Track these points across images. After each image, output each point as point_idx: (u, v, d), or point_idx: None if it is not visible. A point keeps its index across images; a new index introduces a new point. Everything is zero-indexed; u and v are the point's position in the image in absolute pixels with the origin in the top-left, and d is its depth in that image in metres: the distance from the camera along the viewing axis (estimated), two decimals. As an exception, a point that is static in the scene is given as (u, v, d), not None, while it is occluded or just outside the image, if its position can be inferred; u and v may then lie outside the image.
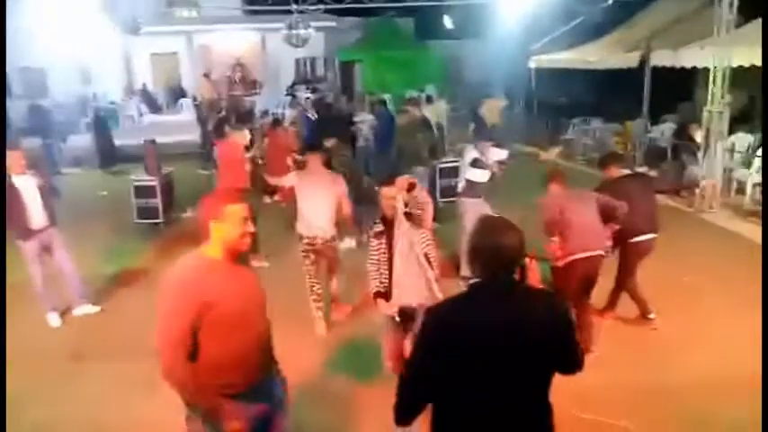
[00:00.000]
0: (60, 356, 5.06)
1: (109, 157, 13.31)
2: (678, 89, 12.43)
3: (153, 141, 9.14)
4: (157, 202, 8.52)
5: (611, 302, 5.35)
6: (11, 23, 17.18)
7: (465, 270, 6.25)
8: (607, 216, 4.70)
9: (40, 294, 5.67)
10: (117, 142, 14.02)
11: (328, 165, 5.93)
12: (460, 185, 6.45)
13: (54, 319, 5.70)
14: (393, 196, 3.64)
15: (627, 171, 5.37)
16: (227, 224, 2.41)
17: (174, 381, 2.37)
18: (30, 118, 15.40)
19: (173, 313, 2.33)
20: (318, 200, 5.12)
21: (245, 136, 7.21)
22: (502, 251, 2.09)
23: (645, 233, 5.02)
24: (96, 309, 5.92)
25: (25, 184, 5.38)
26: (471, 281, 2.19)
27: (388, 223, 3.71)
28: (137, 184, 8.58)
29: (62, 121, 15.15)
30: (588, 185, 5.17)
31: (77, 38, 18.35)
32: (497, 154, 6.60)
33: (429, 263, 3.65)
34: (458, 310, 2.12)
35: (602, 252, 4.65)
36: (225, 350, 2.38)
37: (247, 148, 7.30)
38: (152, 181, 8.55)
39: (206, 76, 19.56)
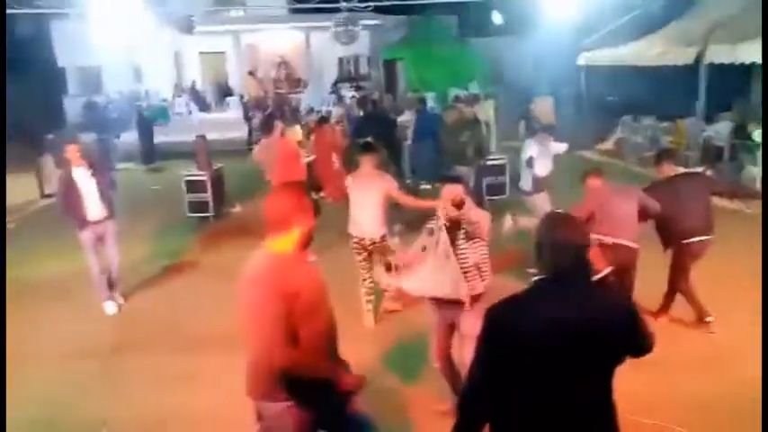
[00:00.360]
0: (115, 347, 5.24)
1: (150, 154, 13.65)
2: (733, 86, 11.96)
3: (203, 137, 9.37)
4: (208, 196, 8.73)
5: (665, 305, 5.21)
6: (68, 25, 17.89)
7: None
8: (643, 214, 4.77)
9: (96, 283, 5.85)
10: (162, 139, 14.42)
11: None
12: (527, 183, 6.63)
13: (110, 308, 5.89)
14: (455, 196, 3.51)
15: (681, 169, 5.23)
16: (308, 218, 2.52)
17: (288, 365, 2.43)
18: (85, 114, 16.02)
19: (268, 309, 2.39)
20: (367, 201, 5.16)
21: (297, 132, 7.34)
22: (566, 247, 2.06)
23: (698, 234, 4.89)
24: (115, 309, 5.94)
25: (82, 176, 5.56)
26: (535, 278, 2.16)
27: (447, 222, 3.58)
28: (188, 178, 8.80)
29: (116, 117, 15.69)
30: (641, 185, 5.09)
31: (130, 36, 18.96)
32: (557, 147, 6.80)
33: (480, 274, 3.60)
34: (520, 309, 2.09)
35: (630, 244, 4.68)
36: (310, 336, 2.47)
37: (300, 144, 7.43)
38: (203, 176, 8.76)
39: (251, 73, 19.91)
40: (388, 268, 3.81)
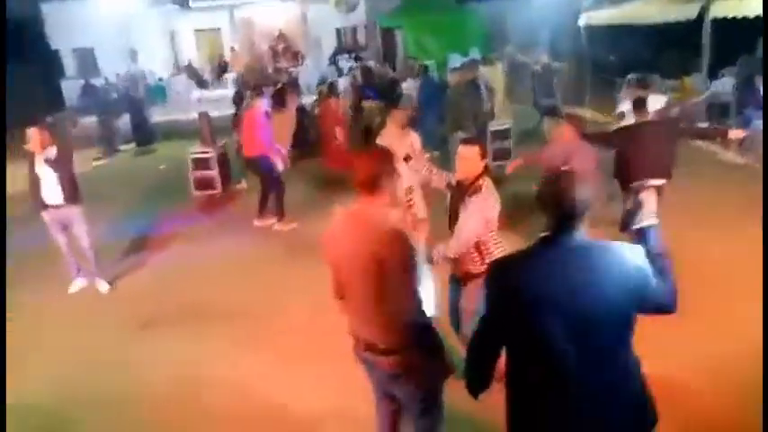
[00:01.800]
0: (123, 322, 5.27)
1: (144, 135, 13.32)
2: (738, 40, 11.77)
3: (206, 114, 9.29)
4: (214, 173, 8.70)
5: None
6: (60, 6, 17.63)
7: None
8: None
9: (67, 261, 5.86)
10: (161, 118, 14.07)
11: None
12: None
13: (76, 286, 5.90)
14: (470, 157, 3.39)
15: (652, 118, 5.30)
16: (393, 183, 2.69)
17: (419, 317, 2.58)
18: (83, 97, 15.89)
19: (407, 262, 2.47)
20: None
21: (263, 103, 7.29)
22: (570, 202, 2.00)
23: (651, 178, 4.96)
24: (107, 287, 5.94)
25: (41, 162, 5.45)
26: (541, 234, 2.11)
27: (458, 185, 3.55)
28: (194, 156, 8.75)
29: (115, 99, 15.50)
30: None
31: (124, 15, 18.76)
32: (656, 101, 6.24)
33: (479, 253, 3.52)
34: (523, 267, 2.06)
35: None
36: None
37: (267, 115, 7.35)
38: (208, 153, 8.71)
39: (233, 49, 19.74)
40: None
